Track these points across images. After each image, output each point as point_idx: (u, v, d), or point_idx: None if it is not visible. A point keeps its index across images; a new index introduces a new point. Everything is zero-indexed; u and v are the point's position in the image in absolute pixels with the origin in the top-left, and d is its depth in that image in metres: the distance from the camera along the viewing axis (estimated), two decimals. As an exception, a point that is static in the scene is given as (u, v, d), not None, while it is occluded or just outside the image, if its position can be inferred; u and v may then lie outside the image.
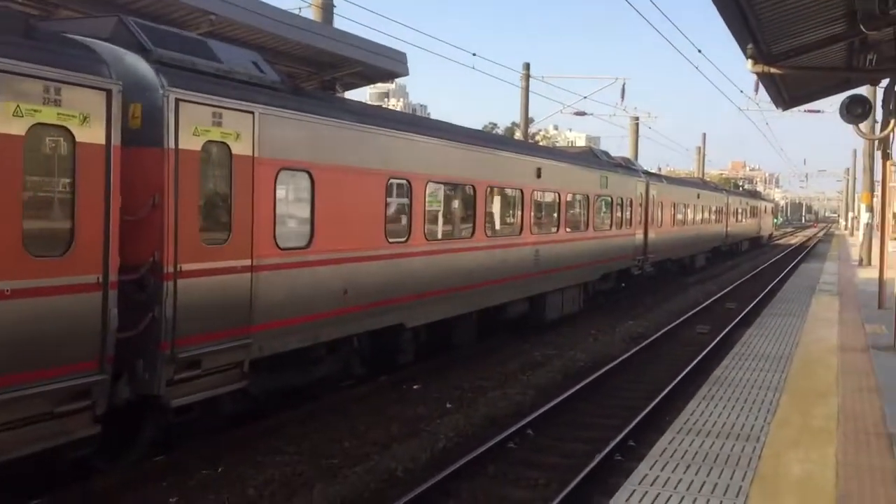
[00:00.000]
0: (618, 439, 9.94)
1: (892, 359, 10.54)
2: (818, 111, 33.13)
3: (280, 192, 9.45)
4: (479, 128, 30.93)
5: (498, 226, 15.24)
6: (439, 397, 12.53)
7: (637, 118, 51.52)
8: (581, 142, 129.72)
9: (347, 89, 19.21)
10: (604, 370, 14.04)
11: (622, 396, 13.06)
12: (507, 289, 15.44)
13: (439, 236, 13.18)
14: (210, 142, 8.36)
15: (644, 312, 22.83)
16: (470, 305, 14.12)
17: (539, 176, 16.61)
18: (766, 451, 6.60)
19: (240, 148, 8.72)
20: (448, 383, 13.35)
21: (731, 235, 46.71)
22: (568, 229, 18.53)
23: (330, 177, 10.24)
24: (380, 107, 18.99)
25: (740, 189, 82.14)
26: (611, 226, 22.15)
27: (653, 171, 51.70)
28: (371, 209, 11.16)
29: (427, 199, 12.60)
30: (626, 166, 25.46)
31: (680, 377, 13.30)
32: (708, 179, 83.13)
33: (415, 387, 13.15)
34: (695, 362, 14.69)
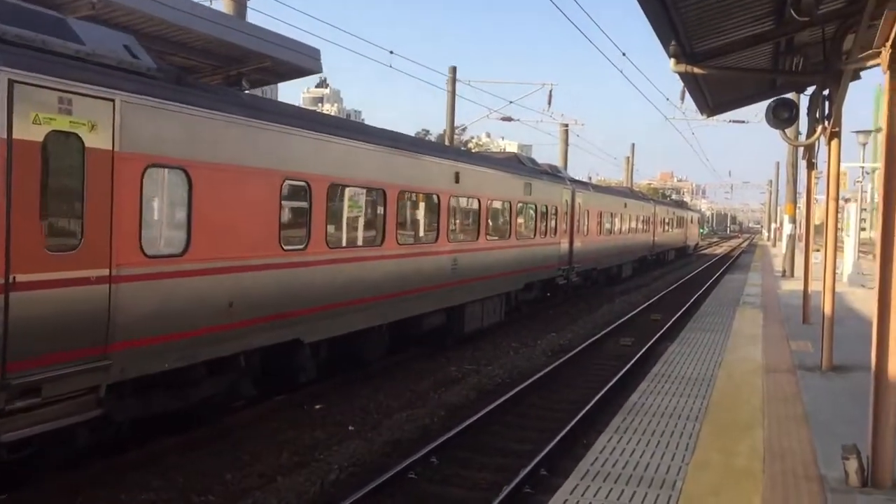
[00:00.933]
0: (527, 470, 9.06)
1: (819, 380, 9.98)
2: (743, 121, 33.35)
3: (148, 192, 8.30)
4: (412, 135, 30.12)
5: (411, 233, 14.28)
6: (341, 419, 11.50)
7: (566, 125, 51.34)
8: (513, 149, 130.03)
9: (255, 86, 17.98)
10: (519, 388, 13.20)
11: (538, 416, 12.23)
12: (422, 300, 14.49)
13: (343, 244, 12.14)
14: (56, 132, 7.18)
15: (568, 323, 22.19)
16: (379, 318, 13.12)
17: (457, 181, 15.74)
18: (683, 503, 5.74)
19: (95, 140, 7.55)
20: (353, 403, 12.33)
21: (658, 245, 46.82)
22: (489, 237, 17.71)
23: (211, 176, 9.12)
24: (278, 101, 17.74)
25: (668, 199, 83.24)
26: (535, 234, 21.44)
27: (583, 180, 51.78)
28: (262, 213, 10.06)
29: (329, 204, 11.54)
30: (553, 173, 24.86)
31: (596, 399, 12.54)
32: (637, 189, 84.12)
33: (317, 407, 12.10)
34: (611, 384, 13.98)
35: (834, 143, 8.88)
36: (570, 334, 20.23)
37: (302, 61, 17.30)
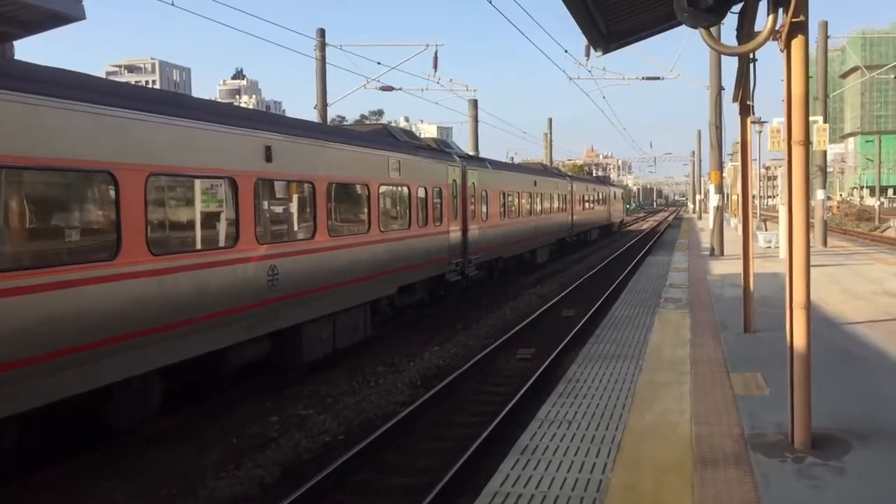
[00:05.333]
0: None
1: (794, 483, 5.36)
2: (658, 77, 29.74)
3: None
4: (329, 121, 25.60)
5: (180, 235, 9.82)
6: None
7: (476, 101, 47.40)
8: (432, 133, 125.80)
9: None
10: (341, 460, 8.93)
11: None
12: (214, 330, 10.10)
13: (38, 262, 7.68)
14: None
15: (459, 331, 18.07)
16: (132, 367, 8.69)
17: (269, 159, 11.35)
18: None
19: None
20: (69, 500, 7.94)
21: (578, 225, 43.22)
22: (333, 232, 13.38)
23: None
24: None
25: (592, 176, 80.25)
26: (410, 223, 17.20)
27: (503, 160, 47.79)
28: None
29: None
30: (436, 149, 20.66)
31: (455, 469, 8.39)
32: (557, 167, 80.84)
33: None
34: (473, 448, 9.88)
35: (797, 43, 4.96)
36: (457, 347, 16.11)
37: (52, 2, 12.68)
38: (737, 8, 7.15)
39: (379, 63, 25.62)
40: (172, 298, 9.11)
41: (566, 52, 22.92)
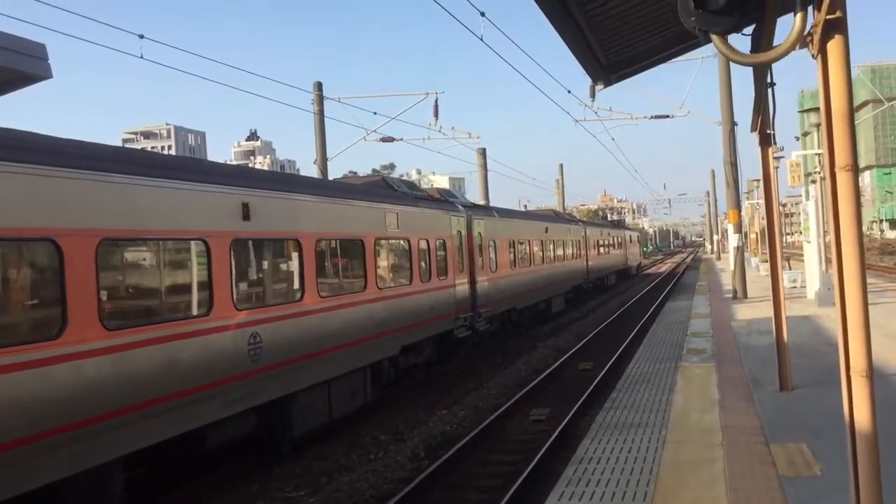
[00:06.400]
0: None
1: None
2: (667, 116, 28.86)
3: None
4: (339, 176, 24.78)
5: (141, 306, 8.84)
6: None
7: (484, 150, 46.84)
8: (444, 184, 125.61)
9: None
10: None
11: None
12: (189, 409, 9.07)
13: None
14: None
15: (470, 391, 16.92)
16: (81, 461, 7.64)
17: (247, 217, 10.43)
18: None
19: None
20: None
21: (594, 270, 42.05)
22: (322, 293, 12.38)
23: None
24: None
25: (607, 220, 79.27)
26: (411, 278, 16.19)
27: (516, 209, 46.85)
28: None
29: None
30: (438, 199, 19.77)
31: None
32: (574, 213, 79.92)
33: None
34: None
35: (835, 46, 3.98)
36: (465, 410, 14.95)
37: (19, 63, 11.94)
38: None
39: (375, 113, 25.00)
40: (131, 378, 8.09)
41: (569, 92, 22.13)
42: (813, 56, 4.34)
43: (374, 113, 24.92)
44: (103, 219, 7.95)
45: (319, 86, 24.20)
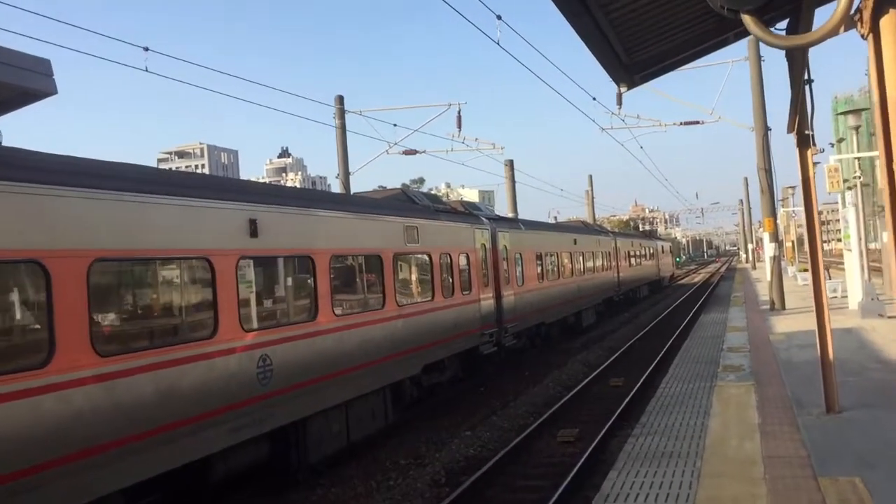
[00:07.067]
0: None
1: None
2: (697, 122, 28.01)
3: None
4: (369, 191, 24.42)
5: (137, 330, 8.37)
6: None
7: (511, 161, 46.24)
8: (474, 198, 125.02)
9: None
10: None
11: None
12: (183, 440, 8.58)
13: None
14: None
15: (496, 409, 16.28)
16: (69, 498, 7.16)
17: (254, 234, 9.97)
18: None
19: None
20: None
21: (626, 282, 41.16)
22: (337, 312, 11.88)
23: None
24: None
25: (639, 231, 78.13)
26: (433, 294, 15.64)
27: (545, 220, 46.11)
28: None
29: None
30: (461, 212, 19.22)
31: None
32: (605, 224, 78.88)
33: None
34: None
35: (889, 23, 3.42)
36: (490, 431, 14.32)
37: (23, 79, 11.66)
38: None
39: (395, 125, 24.57)
40: (126, 407, 7.62)
41: (594, 99, 21.47)
42: (863, 36, 3.73)
43: (395, 125, 24.46)
44: (95, 238, 7.51)
45: (341, 99, 23.85)
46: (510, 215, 38.53)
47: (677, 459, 7.46)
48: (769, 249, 24.72)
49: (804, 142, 8.16)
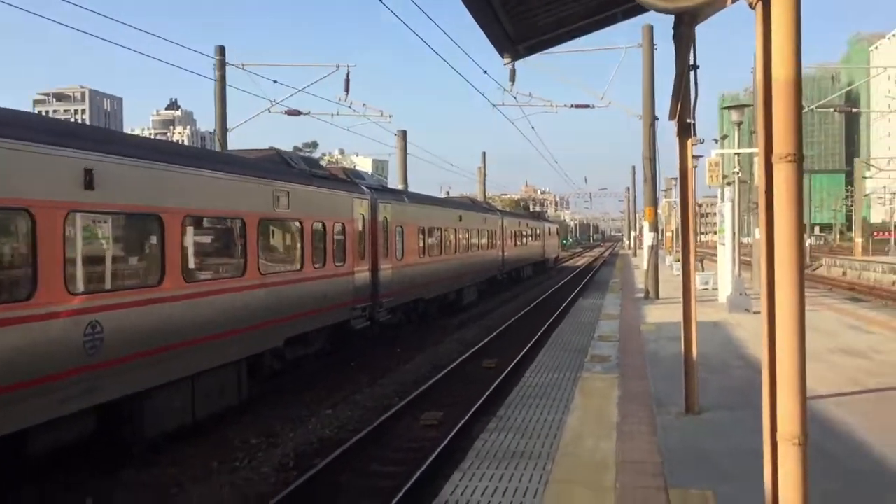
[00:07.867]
0: None
1: None
2: (588, 105, 28.12)
3: None
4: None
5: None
6: None
7: (405, 132, 45.40)
8: (367, 167, 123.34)
9: None
10: None
11: None
12: (2, 411, 7.52)
13: None
14: None
15: (363, 387, 15.65)
16: None
17: (90, 186, 8.87)
18: None
19: None
20: None
21: (510, 262, 41.26)
22: (188, 278, 10.89)
23: None
24: None
25: (529, 211, 78.87)
26: (302, 264, 14.79)
27: (434, 195, 45.51)
28: None
29: None
30: (340, 179, 18.35)
31: None
32: (496, 202, 79.22)
33: None
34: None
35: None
36: (353, 409, 13.70)
37: None
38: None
39: (276, 82, 23.30)
40: None
41: (485, 72, 20.94)
42: (751, 5, 3.20)
43: (275, 81, 23.17)
44: None
45: (222, 50, 22.38)
46: (400, 187, 37.79)
47: (528, 461, 6.96)
48: (648, 238, 25.05)
49: (685, 130, 7.82)
